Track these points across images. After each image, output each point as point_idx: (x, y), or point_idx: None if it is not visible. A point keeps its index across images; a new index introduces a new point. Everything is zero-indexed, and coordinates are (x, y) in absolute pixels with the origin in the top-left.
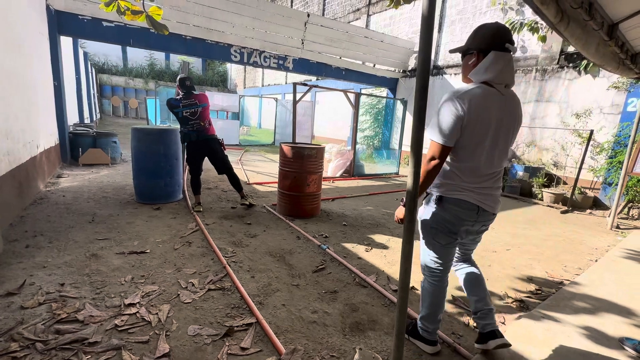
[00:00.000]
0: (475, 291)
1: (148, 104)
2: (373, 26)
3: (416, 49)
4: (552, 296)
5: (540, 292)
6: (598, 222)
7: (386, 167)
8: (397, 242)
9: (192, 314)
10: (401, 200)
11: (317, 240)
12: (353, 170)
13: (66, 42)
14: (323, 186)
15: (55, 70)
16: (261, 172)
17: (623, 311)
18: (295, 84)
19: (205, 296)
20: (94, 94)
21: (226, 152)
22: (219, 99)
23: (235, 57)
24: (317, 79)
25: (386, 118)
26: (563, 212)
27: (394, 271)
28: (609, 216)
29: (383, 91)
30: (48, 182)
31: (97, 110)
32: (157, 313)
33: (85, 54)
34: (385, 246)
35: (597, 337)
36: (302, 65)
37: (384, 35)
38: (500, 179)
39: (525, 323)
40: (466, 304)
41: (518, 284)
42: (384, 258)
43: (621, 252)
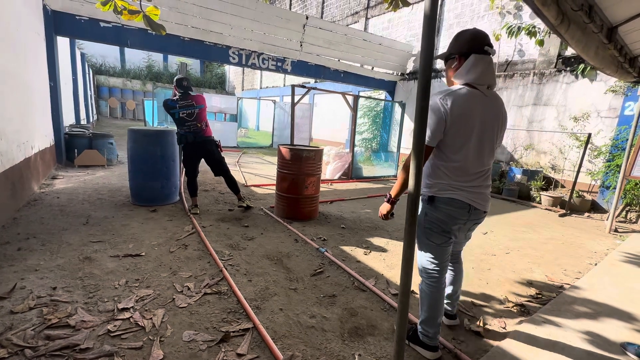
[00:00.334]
0: (454, 286)
1: (145, 106)
2: (371, 29)
3: (414, 52)
4: (553, 300)
5: (540, 297)
6: (596, 226)
7: (384, 170)
8: (396, 245)
9: (188, 319)
10: (384, 196)
11: (315, 243)
12: (351, 172)
13: (63, 43)
14: (321, 188)
15: (51, 70)
16: (259, 174)
17: (624, 316)
18: (293, 86)
19: (201, 300)
20: (91, 95)
21: (223, 154)
22: (217, 101)
23: (233, 59)
24: (316, 82)
25: (384, 121)
26: (561, 216)
27: (393, 275)
28: (607, 219)
29: (381, 94)
30: (42, 184)
31: (94, 111)
32: (152, 318)
33: (82, 55)
34: (383, 249)
35: (599, 342)
36: (301, 67)
37: (383, 38)
38: (489, 178)
39: (526, 328)
40: (467, 309)
41: (518, 288)
42: (383, 261)
43: (620, 256)
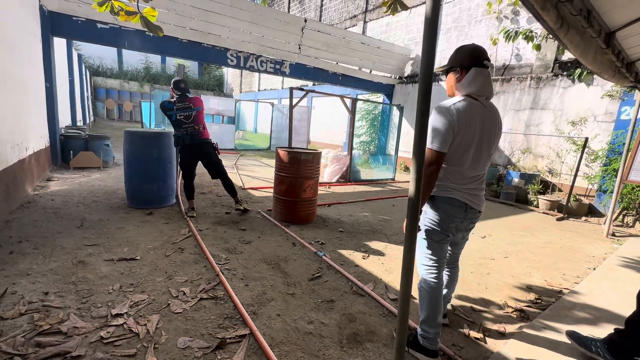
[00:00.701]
0: (448, 289)
1: (143, 107)
2: (370, 33)
3: (412, 56)
4: (553, 306)
5: (540, 302)
6: (594, 230)
7: (382, 173)
8: (394, 249)
9: (183, 325)
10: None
11: (313, 247)
12: (349, 175)
13: (60, 44)
14: (319, 192)
15: (47, 71)
16: (256, 177)
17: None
18: (292, 89)
19: (196, 306)
20: (88, 97)
21: (221, 157)
22: (215, 103)
23: (231, 61)
24: (314, 84)
25: (382, 124)
26: (559, 219)
27: (392, 279)
28: (605, 223)
29: (379, 97)
30: (37, 186)
31: (91, 113)
32: (146, 324)
33: (79, 56)
34: (382, 253)
35: None
36: (299, 70)
37: (381, 41)
38: (483, 182)
39: (527, 334)
40: (466, 314)
41: (517, 293)
42: (382, 265)
43: (618, 260)
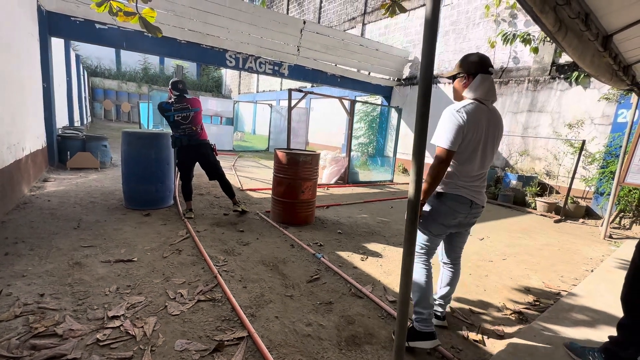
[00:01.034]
0: (448, 288)
1: (141, 108)
2: (368, 35)
3: (411, 58)
4: (551, 308)
5: (538, 304)
6: (591, 232)
7: (381, 175)
8: (393, 251)
9: (180, 327)
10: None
11: (312, 248)
12: (348, 177)
13: (58, 44)
14: (317, 193)
15: (44, 71)
16: (255, 178)
17: None
18: (290, 90)
19: (194, 308)
20: (86, 97)
21: (219, 158)
22: (214, 104)
23: (230, 63)
24: (312, 86)
25: (381, 125)
26: (556, 222)
27: (390, 281)
28: (602, 226)
29: (378, 99)
30: (33, 186)
31: (89, 113)
32: (143, 326)
33: (77, 57)
34: (380, 255)
35: None
36: (298, 71)
37: (379, 44)
38: (485, 179)
39: (525, 336)
40: (465, 316)
41: (516, 295)
42: (380, 267)
43: (615, 262)
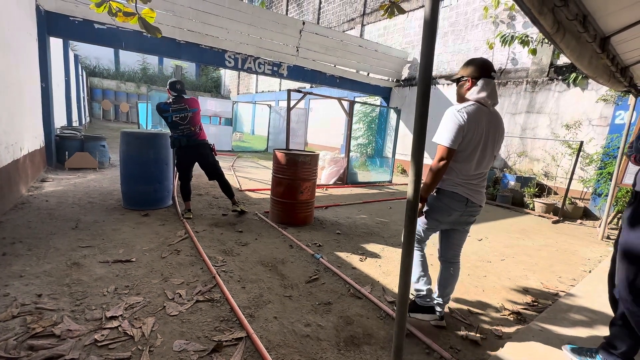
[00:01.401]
0: (447, 287)
1: (139, 108)
2: (367, 36)
3: (410, 59)
4: (549, 308)
5: (536, 304)
6: (589, 233)
7: (380, 175)
8: (392, 252)
9: (179, 328)
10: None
11: (311, 249)
12: (346, 178)
13: (56, 44)
14: (316, 194)
15: (43, 71)
16: (254, 179)
17: None
18: (289, 91)
19: (192, 308)
20: (84, 97)
21: (218, 158)
22: (212, 105)
23: (229, 63)
24: (312, 87)
25: (380, 126)
26: (554, 222)
27: (389, 282)
28: (600, 227)
29: (377, 100)
30: (31, 187)
31: (87, 113)
32: (141, 327)
33: (75, 57)
34: (379, 255)
35: None
36: (297, 72)
37: (378, 44)
38: (485, 179)
39: (523, 336)
40: (463, 317)
41: (514, 296)
42: (379, 268)
43: None
